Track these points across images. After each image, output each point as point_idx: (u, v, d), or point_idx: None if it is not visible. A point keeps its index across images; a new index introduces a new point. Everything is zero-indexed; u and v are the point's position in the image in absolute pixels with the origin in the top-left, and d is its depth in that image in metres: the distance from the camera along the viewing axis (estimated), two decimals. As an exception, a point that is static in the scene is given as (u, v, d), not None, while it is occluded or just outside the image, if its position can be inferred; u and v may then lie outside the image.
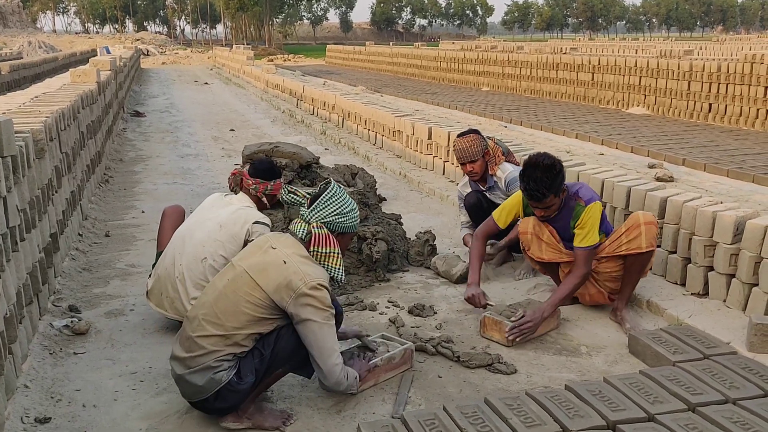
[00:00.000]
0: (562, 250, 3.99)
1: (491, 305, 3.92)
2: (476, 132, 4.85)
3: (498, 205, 4.51)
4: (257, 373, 2.76)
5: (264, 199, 3.86)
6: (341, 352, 2.98)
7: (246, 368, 2.74)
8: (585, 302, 4.10)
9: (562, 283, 3.91)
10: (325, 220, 2.89)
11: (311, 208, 2.92)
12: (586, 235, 3.76)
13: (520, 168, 4.79)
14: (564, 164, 5.46)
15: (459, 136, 4.82)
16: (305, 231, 2.88)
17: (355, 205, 2.99)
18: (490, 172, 4.80)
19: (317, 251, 2.86)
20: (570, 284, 3.81)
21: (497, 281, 4.64)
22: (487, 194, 4.88)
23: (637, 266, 3.83)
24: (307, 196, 3.06)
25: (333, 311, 2.79)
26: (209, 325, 2.73)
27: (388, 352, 3.31)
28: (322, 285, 2.74)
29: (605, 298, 4.01)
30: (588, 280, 3.96)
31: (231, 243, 3.61)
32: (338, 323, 2.99)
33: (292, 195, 3.29)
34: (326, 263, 2.86)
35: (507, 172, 4.75)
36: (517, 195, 4.12)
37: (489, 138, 4.91)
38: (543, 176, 3.64)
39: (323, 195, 2.92)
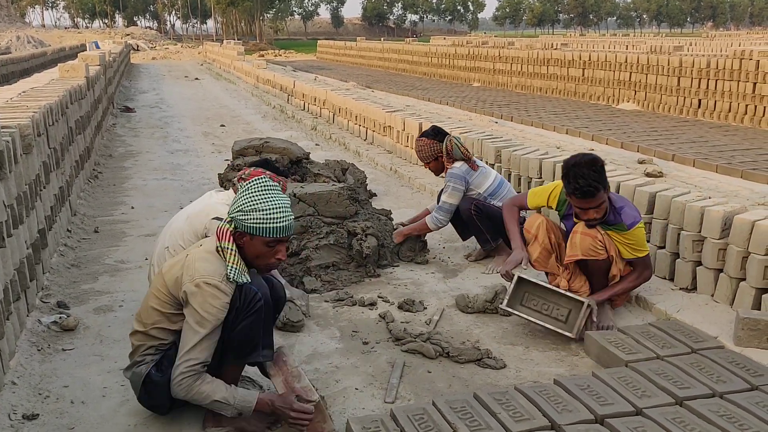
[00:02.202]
0: (554, 262, 3.96)
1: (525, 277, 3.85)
2: (435, 132, 4.93)
3: None
4: None
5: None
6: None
7: (167, 361, 2.74)
8: None
9: (625, 278, 3.86)
10: (232, 215, 2.70)
11: None
12: (635, 250, 3.78)
13: (467, 167, 4.80)
14: (554, 160, 5.52)
15: (419, 136, 4.96)
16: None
17: (271, 208, 2.64)
18: (443, 174, 4.99)
19: (219, 245, 2.69)
20: (629, 282, 3.85)
21: (472, 273, 4.63)
22: None
23: (593, 270, 3.83)
24: None
25: (212, 317, 2.60)
26: (135, 323, 2.85)
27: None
28: (207, 283, 2.59)
29: None
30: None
31: (189, 234, 3.64)
32: (249, 312, 2.71)
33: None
34: (227, 259, 2.67)
35: (452, 168, 4.85)
36: (553, 187, 4.06)
37: (450, 139, 4.88)
38: (589, 171, 3.56)
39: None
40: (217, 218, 3.51)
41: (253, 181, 2.70)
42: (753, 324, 3.39)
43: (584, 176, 3.55)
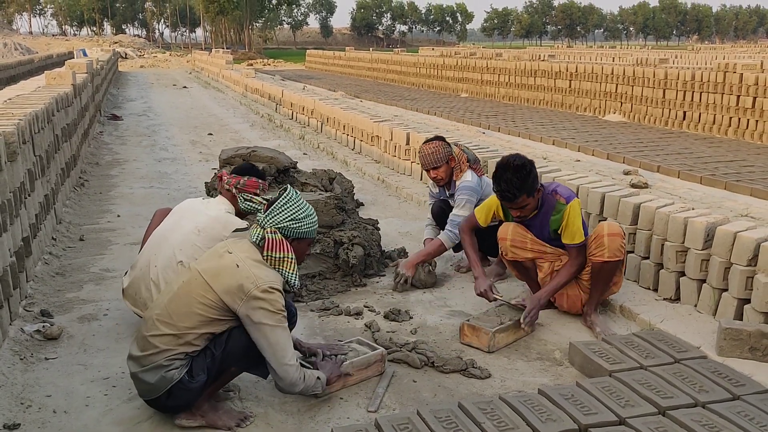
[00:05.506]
0: (546, 246, 4.04)
1: (500, 298, 4.02)
2: (441, 139, 4.90)
3: None
4: (209, 372, 2.81)
5: (237, 195, 3.77)
6: (309, 356, 3.12)
7: (198, 367, 2.79)
8: (561, 306, 4.13)
9: (559, 272, 3.99)
10: (279, 226, 2.91)
11: (266, 213, 2.95)
12: (574, 233, 3.87)
13: (478, 177, 4.82)
14: (540, 170, 5.54)
15: (425, 142, 4.87)
16: (260, 236, 2.91)
17: (312, 211, 3.00)
18: (454, 179, 4.84)
19: (271, 255, 2.87)
20: (567, 273, 3.94)
21: (458, 283, 4.64)
22: (449, 201, 4.91)
23: (603, 274, 3.89)
24: (264, 202, 3.09)
25: (285, 314, 2.82)
26: (162, 324, 2.79)
27: (359, 356, 3.32)
28: (273, 288, 2.78)
29: (579, 306, 4.06)
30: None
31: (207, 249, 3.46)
32: (291, 325, 3.02)
33: (248, 202, 3.28)
34: (280, 268, 2.88)
35: (464, 180, 4.77)
36: (494, 196, 4.14)
37: (456, 145, 4.92)
38: (513, 177, 3.71)
39: (278, 200, 2.95)
40: (239, 230, 3.55)
41: (291, 192, 2.96)
42: (735, 334, 3.42)
43: (507, 181, 3.73)
